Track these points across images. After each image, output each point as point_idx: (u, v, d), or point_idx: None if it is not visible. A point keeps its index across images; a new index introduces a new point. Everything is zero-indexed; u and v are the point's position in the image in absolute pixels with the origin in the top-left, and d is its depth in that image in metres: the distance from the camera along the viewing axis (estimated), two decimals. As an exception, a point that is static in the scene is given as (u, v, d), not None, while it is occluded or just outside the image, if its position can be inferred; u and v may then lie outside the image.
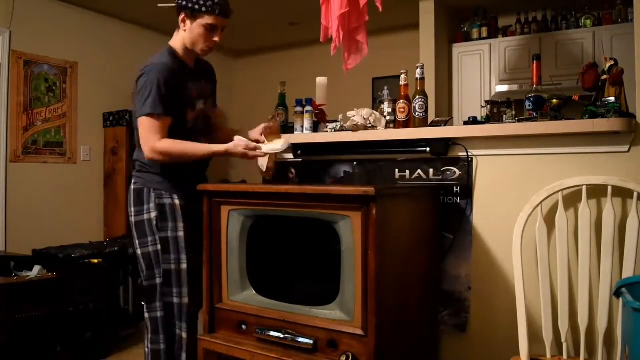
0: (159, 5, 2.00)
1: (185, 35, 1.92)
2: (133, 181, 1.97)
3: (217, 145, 1.90)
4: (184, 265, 1.91)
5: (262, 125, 2.08)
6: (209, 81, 2.09)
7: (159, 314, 1.92)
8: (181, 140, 1.86)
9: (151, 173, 1.93)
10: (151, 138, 1.83)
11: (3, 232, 3.79)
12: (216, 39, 1.92)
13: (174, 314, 1.91)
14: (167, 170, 1.92)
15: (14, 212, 3.84)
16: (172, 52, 1.95)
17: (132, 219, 1.94)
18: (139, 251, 1.94)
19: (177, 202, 1.92)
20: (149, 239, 1.91)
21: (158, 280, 1.92)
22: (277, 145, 1.99)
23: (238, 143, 1.89)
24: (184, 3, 1.87)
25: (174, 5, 1.92)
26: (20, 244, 3.57)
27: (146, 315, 1.94)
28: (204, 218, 1.85)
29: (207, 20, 1.87)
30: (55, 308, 2.68)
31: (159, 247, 1.90)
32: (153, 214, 1.90)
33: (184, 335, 1.91)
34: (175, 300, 1.91)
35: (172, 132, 1.88)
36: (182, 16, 1.90)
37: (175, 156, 1.86)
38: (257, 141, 2.00)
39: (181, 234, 1.91)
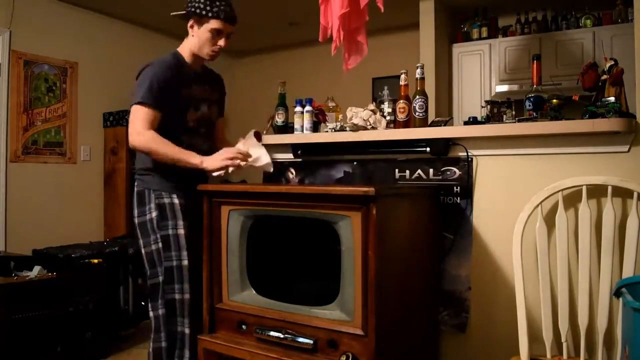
0: (172, 14, 2.06)
1: (193, 40, 2.01)
2: (135, 184, 2.05)
3: (195, 155, 1.92)
4: (185, 262, 1.94)
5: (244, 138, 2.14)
6: (215, 89, 2.18)
7: (160, 311, 1.94)
8: (166, 140, 1.89)
9: (151, 175, 2.00)
10: (137, 124, 1.89)
11: (3, 232, 3.79)
12: (220, 43, 2.01)
13: (175, 310, 1.94)
14: (166, 172, 1.97)
15: (14, 212, 3.84)
16: (176, 54, 2.05)
17: (136, 220, 2.02)
18: (142, 250, 2.00)
19: (176, 201, 1.98)
20: (151, 237, 1.97)
21: (160, 279, 1.95)
22: (260, 159, 2.11)
23: (221, 154, 1.95)
24: (192, 10, 1.96)
25: (184, 12, 2.00)
26: (20, 244, 3.57)
27: (150, 314, 1.97)
28: (204, 218, 1.85)
29: (212, 25, 1.96)
30: (55, 308, 2.68)
31: (160, 244, 1.95)
32: (154, 214, 1.97)
33: (187, 331, 1.93)
34: (177, 296, 1.94)
35: (171, 130, 1.94)
36: (190, 22, 2.00)
37: (153, 148, 1.89)
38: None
39: (181, 231, 1.96)
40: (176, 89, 1.97)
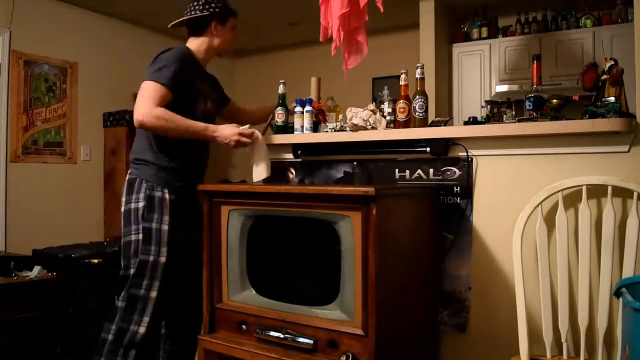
0: (171, 25, 2.16)
1: (216, 40, 2.11)
2: (129, 172, 2.00)
3: (207, 126, 1.94)
4: (163, 259, 1.90)
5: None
6: (214, 87, 2.25)
7: (119, 304, 1.89)
8: (173, 113, 1.86)
9: (147, 165, 1.96)
10: (150, 102, 1.83)
11: (3, 232, 3.79)
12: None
13: (135, 307, 1.87)
14: (163, 165, 1.95)
15: (14, 212, 3.84)
16: (188, 49, 2.08)
17: (122, 208, 1.96)
18: (122, 240, 1.95)
19: (167, 196, 1.94)
20: (132, 227, 1.91)
21: (132, 271, 1.89)
22: (259, 168, 2.10)
23: (233, 127, 1.98)
24: (213, 11, 2.06)
25: (187, 19, 2.09)
26: (20, 244, 3.57)
27: (118, 303, 1.92)
28: (204, 218, 1.85)
29: (232, 22, 2.15)
30: (55, 308, 2.68)
31: (140, 236, 1.89)
32: (141, 204, 1.91)
33: (141, 330, 1.86)
34: (142, 292, 1.88)
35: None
36: (213, 24, 2.08)
37: (165, 124, 1.84)
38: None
39: (165, 227, 1.91)
40: (192, 78, 2.00)
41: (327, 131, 2.26)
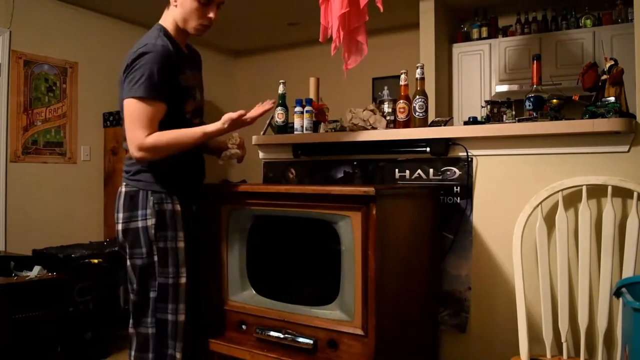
0: None
1: (177, 11, 1.67)
2: (124, 183, 1.75)
3: (209, 125, 1.68)
4: (183, 279, 1.71)
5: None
6: (199, 70, 1.90)
7: (150, 330, 1.70)
8: (167, 130, 1.63)
9: (149, 173, 1.70)
10: (138, 131, 1.58)
11: (3, 232, 3.79)
12: (211, 15, 1.67)
13: (167, 332, 1.71)
14: (170, 167, 1.71)
15: (14, 212, 3.84)
16: (166, 33, 1.71)
17: (120, 226, 1.72)
18: (129, 262, 1.72)
19: (177, 207, 1.72)
20: (144, 249, 1.68)
21: (152, 295, 1.70)
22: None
23: (229, 115, 1.68)
24: None
25: None
26: (20, 244, 3.57)
27: (131, 330, 1.73)
28: (203, 219, 1.85)
29: None
30: (55, 308, 2.68)
31: (155, 258, 1.68)
32: (150, 221, 1.67)
33: (178, 355, 1.71)
34: (170, 317, 1.70)
35: (169, 126, 1.67)
36: None
37: (164, 148, 1.62)
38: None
39: (182, 244, 1.71)
40: (174, 78, 1.68)
41: (327, 131, 2.26)
